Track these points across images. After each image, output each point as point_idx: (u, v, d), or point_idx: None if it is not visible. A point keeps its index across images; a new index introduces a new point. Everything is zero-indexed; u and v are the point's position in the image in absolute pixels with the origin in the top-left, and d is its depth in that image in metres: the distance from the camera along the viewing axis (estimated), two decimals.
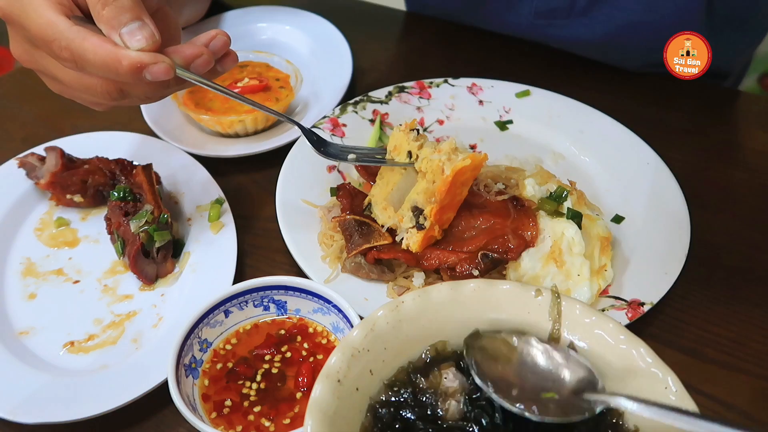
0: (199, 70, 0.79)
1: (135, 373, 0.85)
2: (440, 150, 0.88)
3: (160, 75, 0.74)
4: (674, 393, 0.62)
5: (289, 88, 1.22)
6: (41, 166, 1.06)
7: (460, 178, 0.88)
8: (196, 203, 1.06)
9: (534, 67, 1.38)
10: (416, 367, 0.68)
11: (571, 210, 0.93)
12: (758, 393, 0.86)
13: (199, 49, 0.78)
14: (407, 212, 0.91)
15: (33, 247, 1.03)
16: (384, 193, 0.95)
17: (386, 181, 0.95)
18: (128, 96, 0.80)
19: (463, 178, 0.88)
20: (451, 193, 0.88)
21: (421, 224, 0.90)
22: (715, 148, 1.22)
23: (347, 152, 0.94)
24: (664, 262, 0.94)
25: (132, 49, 0.74)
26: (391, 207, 0.94)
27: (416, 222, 0.90)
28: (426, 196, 0.89)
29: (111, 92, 0.79)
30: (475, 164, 0.88)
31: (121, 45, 0.74)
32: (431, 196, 0.88)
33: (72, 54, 0.74)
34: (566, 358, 0.66)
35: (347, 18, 1.44)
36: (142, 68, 0.74)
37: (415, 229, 0.91)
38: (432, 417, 0.64)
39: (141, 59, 0.73)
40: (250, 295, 0.86)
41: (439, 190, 0.87)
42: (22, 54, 0.83)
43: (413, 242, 0.91)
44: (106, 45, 0.73)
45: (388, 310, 0.68)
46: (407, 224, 0.91)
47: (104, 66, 0.74)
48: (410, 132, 0.92)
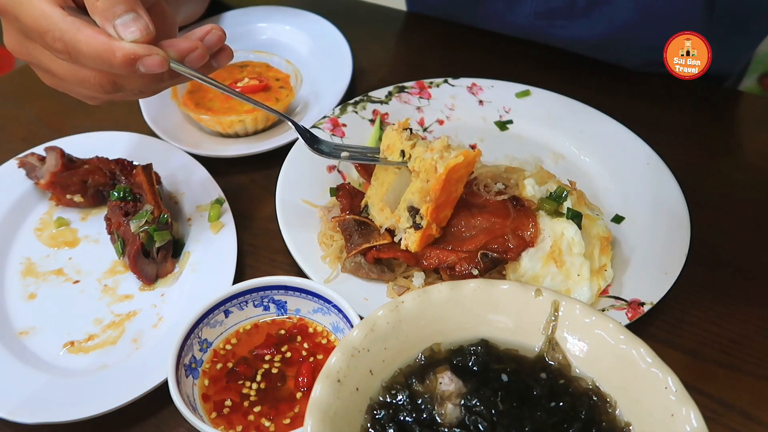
0: (194, 64, 0.79)
1: (135, 373, 0.85)
2: (432, 148, 0.88)
3: (154, 67, 0.74)
4: (674, 393, 0.62)
5: (289, 88, 1.22)
6: (41, 166, 1.06)
7: (454, 176, 0.88)
8: (196, 203, 1.06)
9: (534, 67, 1.38)
10: (412, 370, 0.68)
11: (571, 210, 0.93)
12: (758, 393, 0.86)
13: (194, 43, 0.78)
14: (404, 212, 0.91)
15: (33, 247, 1.03)
16: (380, 194, 0.95)
17: (381, 181, 0.95)
18: (122, 89, 0.80)
19: (457, 175, 0.88)
20: (446, 191, 0.88)
21: (418, 224, 0.90)
22: (715, 148, 1.22)
23: (340, 150, 0.94)
24: (664, 262, 0.94)
25: (126, 41, 0.73)
26: (388, 208, 0.94)
27: (413, 222, 0.90)
28: (421, 196, 0.89)
29: (104, 85, 0.79)
30: (468, 161, 0.88)
31: (115, 36, 0.73)
32: (426, 195, 0.88)
33: (65, 45, 0.73)
34: None
35: (347, 18, 1.44)
36: (136, 60, 0.73)
37: (413, 229, 0.91)
38: (429, 421, 0.64)
39: (135, 51, 0.73)
40: (250, 295, 0.86)
41: (433, 189, 0.87)
42: (15, 46, 0.82)
43: (411, 242, 0.91)
44: (99, 36, 0.73)
45: (388, 310, 0.68)
46: (404, 224, 0.91)
47: (98, 57, 0.73)
48: (403, 131, 0.92)
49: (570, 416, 0.64)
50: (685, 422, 0.60)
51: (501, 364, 0.68)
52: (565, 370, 0.68)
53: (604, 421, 0.64)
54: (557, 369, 0.68)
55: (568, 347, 0.69)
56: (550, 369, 0.68)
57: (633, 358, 0.65)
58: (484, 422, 0.63)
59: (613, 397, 0.66)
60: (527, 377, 0.67)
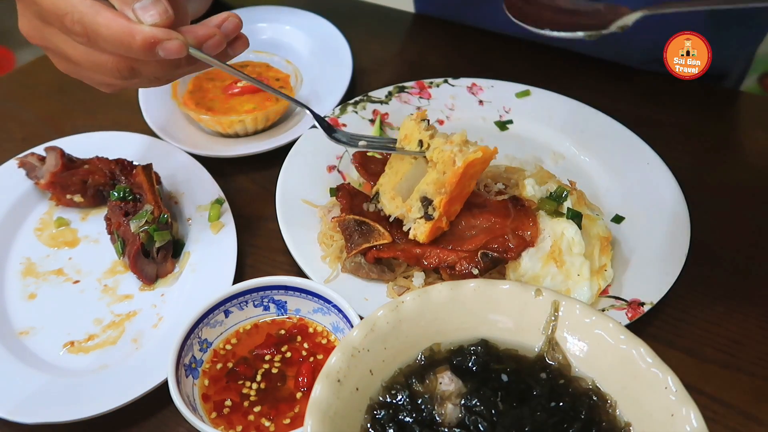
0: (211, 51, 0.79)
1: (135, 373, 0.85)
2: (452, 141, 0.88)
3: (173, 52, 0.74)
4: (674, 393, 0.62)
5: (289, 88, 1.22)
6: (41, 166, 1.06)
7: (470, 171, 0.88)
8: (196, 203, 1.06)
9: (534, 67, 1.38)
10: (412, 370, 0.68)
11: (571, 210, 0.93)
12: (758, 393, 0.86)
13: (211, 29, 0.78)
14: (416, 202, 0.91)
15: (33, 247, 1.03)
16: (392, 183, 0.94)
17: (395, 170, 0.95)
18: (138, 75, 0.80)
19: (472, 170, 0.88)
20: (460, 185, 0.88)
21: (430, 215, 0.90)
22: (715, 148, 1.22)
23: (357, 139, 0.94)
24: (664, 262, 0.94)
25: (145, 24, 0.73)
26: (400, 197, 0.93)
27: (425, 212, 0.90)
28: (436, 187, 0.89)
29: (122, 70, 0.78)
30: (486, 157, 0.88)
31: (134, 20, 0.73)
32: (441, 187, 0.88)
33: (84, 28, 0.73)
34: None
35: (347, 18, 1.44)
36: (156, 44, 0.73)
37: (423, 220, 0.90)
38: (429, 421, 0.64)
39: (155, 34, 0.73)
40: (250, 295, 0.86)
41: (449, 182, 0.87)
42: (30, 30, 0.82)
43: (421, 232, 0.91)
44: (119, 19, 0.73)
45: (388, 310, 0.68)
46: (415, 214, 0.91)
47: (117, 41, 0.73)
48: (421, 122, 0.92)
49: (570, 416, 0.64)
50: (685, 422, 0.60)
51: (501, 364, 0.68)
52: (565, 370, 0.68)
53: (604, 421, 0.64)
54: (557, 369, 0.68)
55: (568, 347, 0.69)
56: (550, 369, 0.68)
57: (633, 358, 0.65)
58: (484, 422, 0.63)
59: (613, 397, 0.66)
60: (527, 377, 0.67)
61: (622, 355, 0.66)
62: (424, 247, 0.92)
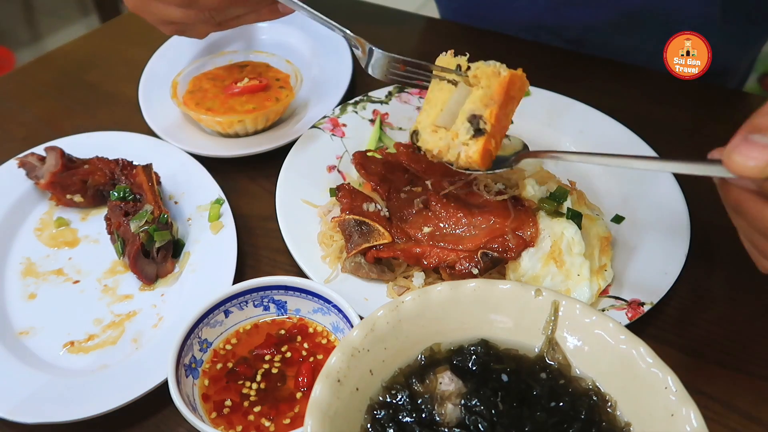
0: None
1: (135, 373, 0.85)
2: (490, 64, 0.87)
3: None
4: (674, 393, 0.62)
5: (289, 88, 1.22)
6: (41, 166, 1.06)
7: (513, 88, 0.86)
8: (196, 203, 1.06)
9: (534, 67, 1.37)
10: (412, 370, 0.68)
11: (571, 210, 0.93)
12: (758, 393, 0.86)
13: None
14: (462, 125, 0.87)
15: (33, 247, 1.03)
16: (432, 116, 0.91)
17: (433, 103, 0.92)
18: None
19: (514, 89, 0.86)
20: (504, 107, 0.86)
21: (481, 129, 0.85)
22: (716, 148, 1.22)
23: (396, 65, 0.97)
24: (664, 262, 0.94)
25: None
26: (442, 128, 0.90)
27: (475, 129, 0.86)
28: (483, 102, 0.86)
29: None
30: (524, 81, 0.88)
31: None
32: (489, 101, 0.85)
33: None
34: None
35: (347, 18, 1.44)
36: None
37: (474, 140, 0.86)
38: (429, 421, 0.64)
39: None
40: (250, 295, 0.86)
41: (497, 92, 0.85)
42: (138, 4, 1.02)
43: (474, 151, 0.86)
44: None
45: (388, 310, 0.68)
46: (463, 137, 0.87)
47: None
48: (454, 57, 0.92)
49: (570, 416, 0.64)
50: (685, 422, 0.60)
51: (501, 364, 0.68)
52: (565, 370, 0.68)
53: (604, 421, 0.64)
54: (557, 369, 0.68)
55: (568, 347, 0.69)
56: (550, 369, 0.68)
57: (633, 358, 0.65)
58: (484, 422, 0.63)
59: (613, 397, 0.66)
60: (527, 377, 0.67)
61: (622, 355, 0.66)
62: (424, 247, 0.92)
